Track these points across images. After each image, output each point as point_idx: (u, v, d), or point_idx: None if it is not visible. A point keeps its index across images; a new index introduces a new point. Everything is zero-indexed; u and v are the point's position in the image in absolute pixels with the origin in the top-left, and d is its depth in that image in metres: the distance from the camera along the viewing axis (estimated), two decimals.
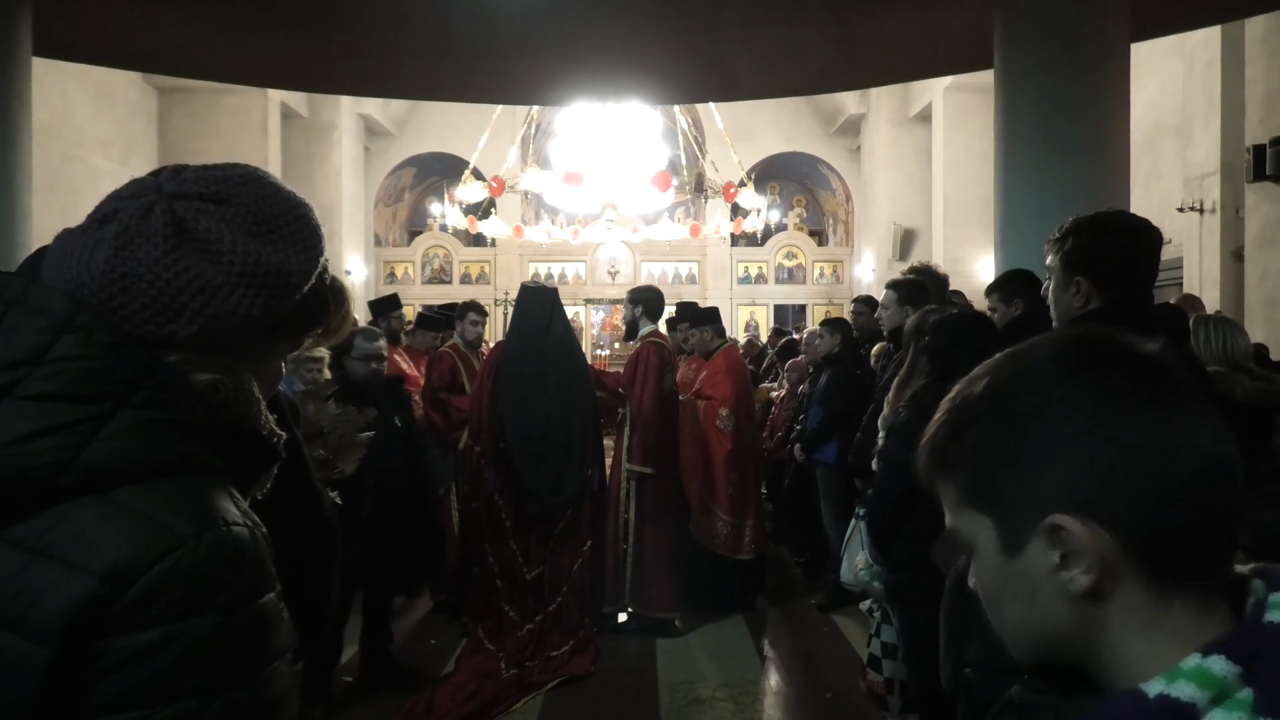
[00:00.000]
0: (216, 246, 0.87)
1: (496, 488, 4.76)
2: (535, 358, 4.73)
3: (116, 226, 0.86)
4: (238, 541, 0.82)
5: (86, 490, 0.78)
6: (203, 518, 0.80)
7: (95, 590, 0.74)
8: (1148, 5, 5.91)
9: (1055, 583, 0.67)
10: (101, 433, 0.79)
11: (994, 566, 0.72)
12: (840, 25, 6.72)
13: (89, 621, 0.74)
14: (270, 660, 0.82)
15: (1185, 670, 0.61)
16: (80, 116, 11.90)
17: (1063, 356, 0.70)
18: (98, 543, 0.76)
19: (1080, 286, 2.17)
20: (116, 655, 0.74)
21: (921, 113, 16.08)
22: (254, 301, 0.88)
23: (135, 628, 0.75)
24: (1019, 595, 0.70)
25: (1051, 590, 0.68)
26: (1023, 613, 0.71)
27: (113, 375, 0.81)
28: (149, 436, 0.81)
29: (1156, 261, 2.23)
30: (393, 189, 20.21)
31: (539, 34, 6.90)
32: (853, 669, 4.45)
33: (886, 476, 3.00)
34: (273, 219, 0.91)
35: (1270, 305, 8.12)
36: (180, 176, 0.90)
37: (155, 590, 0.76)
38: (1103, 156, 5.33)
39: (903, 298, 4.21)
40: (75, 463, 0.77)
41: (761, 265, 19.55)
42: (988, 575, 0.73)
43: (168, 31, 6.97)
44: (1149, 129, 10.05)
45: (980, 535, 0.72)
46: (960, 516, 0.74)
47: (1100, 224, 2.18)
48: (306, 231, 0.95)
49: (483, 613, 4.75)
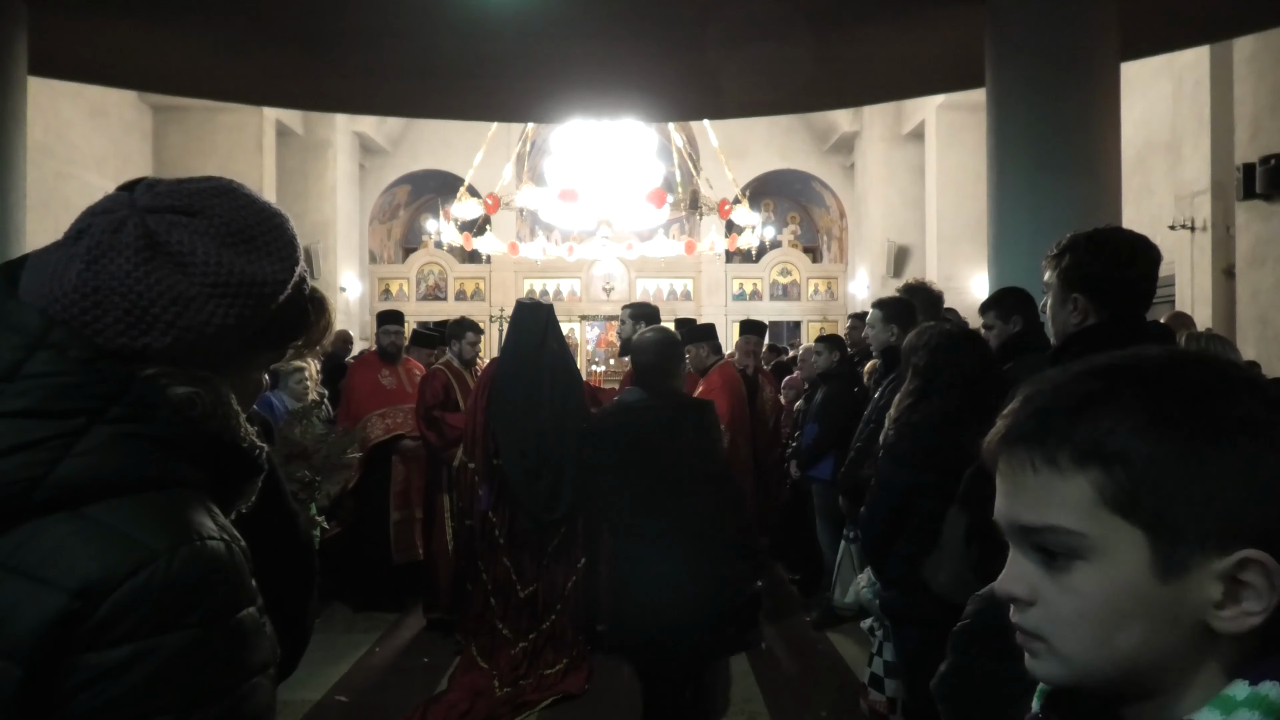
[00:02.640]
0: (189, 258, 0.86)
1: (490, 505, 4.75)
2: (530, 374, 4.73)
3: (89, 241, 0.85)
4: (212, 555, 0.80)
5: (59, 506, 0.77)
6: (176, 532, 0.79)
7: (66, 606, 0.73)
8: (1136, 25, 5.97)
9: (1204, 615, 0.61)
10: (75, 448, 0.78)
11: (1130, 586, 0.62)
12: (831, 44, 6.77)
13: (60, 638, 0.73)
14: (249, 675, 0.81)
15: (1239, 699, 0.59)
16: (75, 134, 11.92)
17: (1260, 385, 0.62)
18: (69, 558, 0.75)
19: (1077, 303, 2.14)
20: (89, 672, 0.74)
21: (914, 130, 16.19)
22: (228, 312, 0.88)
23: (107, 644, 0.74)
24: (1153, 621, 0.62)
25: (1192, 620, 0.61)
26: (1145, 639, 0.62)
27: (86, 391, 0.81)
28: (123, 452, 0.80)
29: (1154, 279, 2.20)
30: (388, 206, 20.24)
31: (530, 52, 6.94)
32: (849, 687, 4.43)
33: (877, 496, 3.01)
34: (246, 229, 0.91)
35: (1262, 323, 8.15)
36: (153, 190, 0.90)
37: (127, 606, 0.75)
38: (1094, 174, 5.37)
39: (888, 316, 4.23)
40: (47, 479, 0.77)
41: (756, 282, 19.58)
42: (1111, 593, 0.62)
43: (162, 50, 7.00)
44: (1139, 147, 10.12)
45: (1119, 548, 0.62)
46: (1087, 519, 0.63)
47: (1098, 241, 2.15)
48: (281, 241, 0.94)
49: (476, 630, 4.73)
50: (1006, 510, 0.68)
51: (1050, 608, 0.65)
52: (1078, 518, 0.63)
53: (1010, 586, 0.67)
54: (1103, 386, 0.64)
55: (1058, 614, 0.64)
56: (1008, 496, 0.68)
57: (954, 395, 2.80)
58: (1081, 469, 0.62)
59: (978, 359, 2.90)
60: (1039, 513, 0.65)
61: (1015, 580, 0.67)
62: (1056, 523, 0.64)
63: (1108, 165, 5.45)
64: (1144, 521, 0.61)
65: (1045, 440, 0.64)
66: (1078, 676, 0.65)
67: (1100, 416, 0.62)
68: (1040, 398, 0.66)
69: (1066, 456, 0.63)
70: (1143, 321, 2.22)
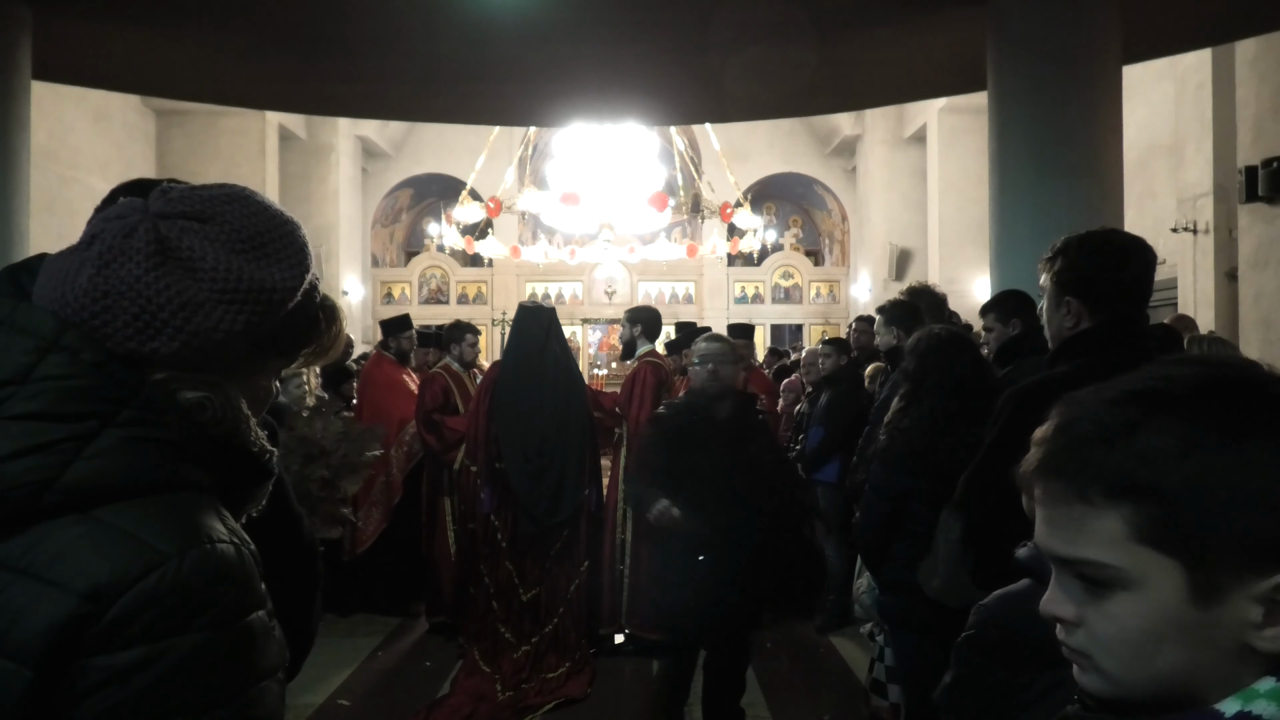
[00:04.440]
0: (199, 264, 0.86)
1: (492, 508, 4.75)
2: (532, 378, 4.73)
3: (100, 246, 0.86)
4: (222, 558, 0.80)
5: (70, 509, 0.77)
6: (186, 535, 0.79)
7: (76, 609, 0.74)
8: (1139, 28, 5.97)
9: (1244, 636, 0.61)
10: (85, 451, 0.79)
11: (1167, 613, 0.63)
12: (833, 47, 6.77)
13: (69, 641, 0.73)
14: (259, 679, 0.81)
15: (1262, 691, 0.60)
16: (78, 138, 11.95)
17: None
18: (79, 561, 0.75)
19: (1071, 306, 2.11)
20: (98, 675, 0.74)
21: (916, 134, 16.19)
22: (236, 318, 0.88)
23: (116, 647, 0.74)
24: (1192, 644, 0.63)
25: (1231, 641, 0.62)
26: (1185, 661, 0.63)
27: (97, 394, 0.81)
28: (133, 455, 0.81)
29: (1149, 280, 2.17)
30: (390, 210, 20.26)
31: (532, 56, 6.95)
32: (851, 692, 4.42)
33: (870, 501, 3.01)
34: (257, 236, 0.91)
35: (1265, 326, 8.14)
36: (166, 196, 0.90)
37: (136, 609, 0.75)
38: (1096, 177, 5.36)
39: (889, 320, 4.24)
40: (58, 482, 0.77)
41: (758, 285, 19.58)
42: (1150, 620, 0.64)
43: (166, 55, 7.02)
44: (1142, 150, 10.12)
45: (1155, 578, 0.63)
46: (1120, 553, 0.64)
47: (1090, 243, 2.13)
48: (293, 249, 0.94)
49: (479, 634, 4.72)
50: (1045, 540, 0.69)
51: (1093, 630, 0.67)
52: (1112, 552, 0.64)
53: (1055, 609, 0.69)
54: (1134, 415, 0.64)
55: (1100, 636, 0.66)
56: (1045, 525, 0.69)
57: (943, 399, 2.80)
58: (1113, 504, 0.63)
59: (968, 363, 2.90)
60: (1075, 546, 0.66)
61: (1059, 603, 0.69)
62: (1092, 557, 0.65)
63: (1110, 168, 5.45)
64: (1177, 551, 0.62)
65: (1079, 475, 0.65)
66: (1121, 692, 0.66)
67: (1131, 448, 0.63)
68: (1073, 427, 0.67)
69: (1098, 491, 0.64)
70: (1142, 324, 2.19)
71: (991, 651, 1.21)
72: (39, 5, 5.78)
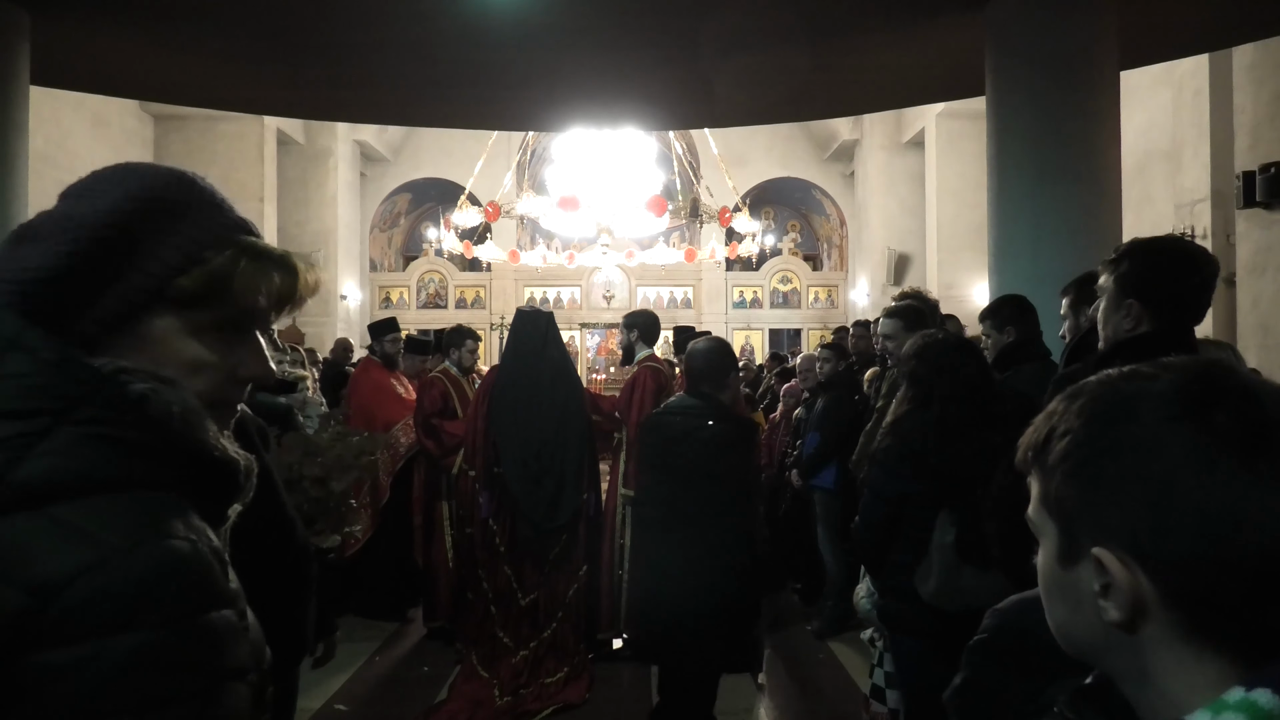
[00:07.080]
0: (38, 230, 0.90)
1: (491, 512, 4.74)
2: (530, 382, 4.73)
3: None
4: (175, 554, 0.78)
5: (21, 506, 0.76)
6: (137, 530, 0.78)
7: (20, 604, 0.72)
8: (1136, 34, 5.99)
9: (1095, 604, 0.70)
10: (37, 448, 0.77)
11: (1050, 568, 0.76)
12: (831, 52, 6.79)
13: (14, 637, 0.72)
14: (218, 679, 0.79)
15: (1230, 703, 0.61)
16: (76, 143, 11.95)
17: (1179, 395, 0.68)
18: (26, 555, 0.74)
19: (1132, 309, 2.13)
20: (44, 671, 0.72)
21: (914, 138, 16.22)
22: (49, 251, 0.88)
23: (63, 642, 0.72)
24: (1066, 601, 0.74)
25: (1092, 609, 0.70)
26: (1068, 617, 0.75)
27: (52, 391, 0.80)
28: (87, 452, 0.79)
29: (1210, 293, 2.18)
30: (388, 214, 20.27)
31: (531, 61, 6.97)
32: (850, 697, 4.41)
33: (869, 504, 3.00)
34: (88, 186, 0.93)
35: (1263, 331, 8.15)
36: None
37: (83, 604, 0.73)
38: (1094, 182, 5.37)
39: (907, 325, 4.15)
40: (8, 478, 0.76)
41: (756, 290, 19.60)
42: (1045, 572, 0.77)
43: (163, 60, 7.02)
44: (1140, 156, 10.14)
45: (1046, 535, 0.76)
46: (1037, 512, 0.77)
47: (1158, 249, 2.15)
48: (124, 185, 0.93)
49: (477, 639, 4.71)
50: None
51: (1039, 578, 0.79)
52: (1034, 509, 0.77)
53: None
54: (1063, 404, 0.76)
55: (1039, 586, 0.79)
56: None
57: (954, 405, 2.80)
58: (1038, 473, 0.76)
59: (977, 368, 2.90)
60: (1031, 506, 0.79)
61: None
62: (1029, 513, 0.78)
63: (1108, 173, 5.46)
64: (1055, 517, 0.74)
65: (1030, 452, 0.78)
66: (1063, 645, 0.77)
67: (1053, 433, 0.75)
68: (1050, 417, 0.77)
69: (1033, 464, 0.77)
70: (1191, 333, 2.20)
71: (1004, 657, 1.21)
72: (37, 10, 5.78)
